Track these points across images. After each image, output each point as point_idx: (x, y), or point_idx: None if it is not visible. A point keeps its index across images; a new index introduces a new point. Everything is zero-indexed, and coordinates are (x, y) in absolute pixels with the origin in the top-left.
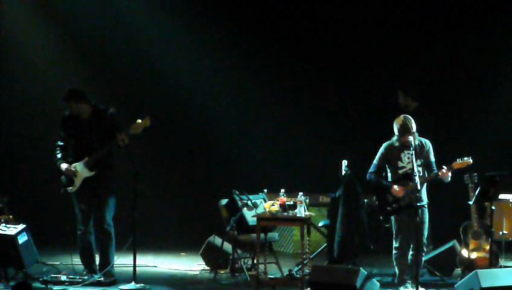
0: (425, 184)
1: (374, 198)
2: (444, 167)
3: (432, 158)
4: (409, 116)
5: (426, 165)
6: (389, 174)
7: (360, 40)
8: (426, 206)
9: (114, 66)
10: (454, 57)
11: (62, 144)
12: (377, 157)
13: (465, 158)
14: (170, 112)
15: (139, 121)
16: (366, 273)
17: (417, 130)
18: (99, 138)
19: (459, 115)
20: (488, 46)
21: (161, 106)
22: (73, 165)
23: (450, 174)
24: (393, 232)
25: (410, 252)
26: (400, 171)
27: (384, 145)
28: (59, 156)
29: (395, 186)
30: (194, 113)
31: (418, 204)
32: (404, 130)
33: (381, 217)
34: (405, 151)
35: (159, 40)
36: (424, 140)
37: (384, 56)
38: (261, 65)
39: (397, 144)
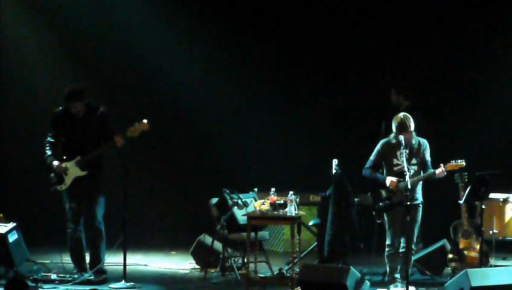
0: (420, 183)
1: (369, 194)
2: (442, 164)
3: (428, 157)
4: (408, 115)
5: (422, 164)
6: (385, 171)
7: (352, 39)
8: (420, 204)
9: (107, 66)
10: (446, 57)
11: (53, 140)
12: (373, 153)
13: (459, 160)
14: (161, 111)
15: (137, 124)
16: (359, 275)
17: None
18: (91, 138)
19: (450, 115)
20: (480, 47)
21: (151, 104)
22: (64, 163)
23: (445, 173)
24: (386, 229)
25: (401, 250)
26: (395, 169)
27: (381, 142)
28: (49, 153)
29: (389, 178)
30: (184, 112)
31: (411, 202)
32: (402, 128)
33: (373, 213)
34: (401, 149)
35: (153, 40)
36: (421, 139)
37: (377, 56)
38: (252, 65)
39: (394, 141)
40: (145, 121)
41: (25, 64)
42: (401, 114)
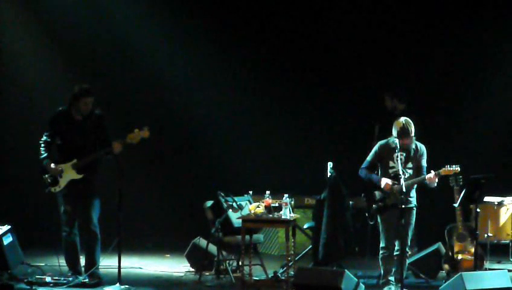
0: (415, 186)
1: (362, 195)
2: (432, 171)
3: (423, 163)
4: (409, 120)
5: (417, 169)
6: (380, 173)
7: (346, 42)
8: (414, 208)
9: (105, 72)
10: (441, 59)
11: (49, 140)
12: (370, 154)
13: (454, 166)
14: (156, 113)
15: (137, 131)
16: (354, 278)
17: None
18: (89, 141)
19: (445, 118)
20: (476, 49)
21: (147, 107)
22: (60, 166)
23: (436, 180)
24: (380, 232)
25: (395, 253)
26: (391, 171)
27: (379, 143)
28: (45, 154)
29: (384, 179)
30: (180, 114)
31: (405, 206)
32: (403, 133)
33: (367, 214)
34: (398, 153)
35: (149, 45)
36: (419, 144)
37: (371, 59)
38: (248, 68)
39: (393, 146)
40: (145, 128)
41: (22, 70)
42: (403, 119)
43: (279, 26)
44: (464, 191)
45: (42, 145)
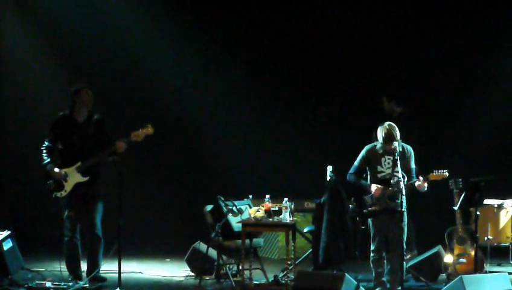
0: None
1: (352, 199)
2: (420, 177)
3: (412, 165)
4: (393, 124)
5: (406, 172)
6: (368, 177)
7: (344, 45)
8: (405, 210)
9: (105, 74)
10: (439, 62)
11: (51, 145)
12: (357, 158)
13: (442, 171)
14: (156, 117)
15: (141, 129)
16: (354, 282)
17: (401, 137)
18: (90, 144)
19: (444, 121)
20: (473, 52)
21: (147, 111)
22: (64, 170)
23: (426, 184)
24: (371, 235)
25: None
26: (379, 176)
27: (366, 147)
28: (48, 159)
29: (374, 186)
30: (179, 119)
31: (396, 209)
32: (389, 138)
33: (357, 219)
34: (386, 157)
35: (151, 48)
36: (406, 146)
37: (368, 62)
38: (247, 72)
39: (381, 151)
40: (149, 125)
41: (23, 74)
42: (387, 124)
43: (279, 30)
44: (463, 194)
45: (44, 151)
